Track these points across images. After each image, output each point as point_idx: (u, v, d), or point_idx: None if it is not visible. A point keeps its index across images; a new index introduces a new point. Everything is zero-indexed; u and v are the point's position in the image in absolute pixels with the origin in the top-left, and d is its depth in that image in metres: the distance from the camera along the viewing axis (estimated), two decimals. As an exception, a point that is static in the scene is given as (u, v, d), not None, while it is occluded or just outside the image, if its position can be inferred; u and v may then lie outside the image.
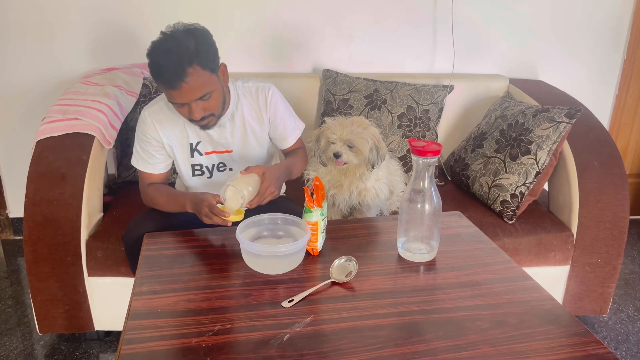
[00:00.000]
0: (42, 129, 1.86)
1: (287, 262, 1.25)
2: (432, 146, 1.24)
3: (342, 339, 1.02)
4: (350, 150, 1.71)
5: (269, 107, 1.67)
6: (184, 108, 1.49)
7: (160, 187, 1.67)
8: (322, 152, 1.77)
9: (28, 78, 2.45)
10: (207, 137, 1.65)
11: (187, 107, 1.48)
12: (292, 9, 2.45)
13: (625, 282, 2.48)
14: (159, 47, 1.42)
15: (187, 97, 1.44)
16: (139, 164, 1.67)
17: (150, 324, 1.05)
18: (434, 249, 1.32)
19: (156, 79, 1.44)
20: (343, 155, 1.70)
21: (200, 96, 1.45)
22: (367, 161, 1.73)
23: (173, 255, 1.33)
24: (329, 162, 1.78)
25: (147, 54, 1.44)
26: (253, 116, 1.68)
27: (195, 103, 1.46)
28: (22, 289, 2.32)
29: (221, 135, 1.65)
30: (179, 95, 1.43)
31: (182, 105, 1.47)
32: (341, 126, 1.71)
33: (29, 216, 1.74)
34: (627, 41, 2.73)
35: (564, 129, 1.96)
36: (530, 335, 1.04)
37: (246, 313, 1.09)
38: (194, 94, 1.44)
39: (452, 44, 2.55)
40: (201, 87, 1.44)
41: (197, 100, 1.46)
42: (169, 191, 1.65)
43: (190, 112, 1.48)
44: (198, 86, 1.43)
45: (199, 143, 1.65)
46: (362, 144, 1.70)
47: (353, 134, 1.70)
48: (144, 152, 1.65)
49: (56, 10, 2.36)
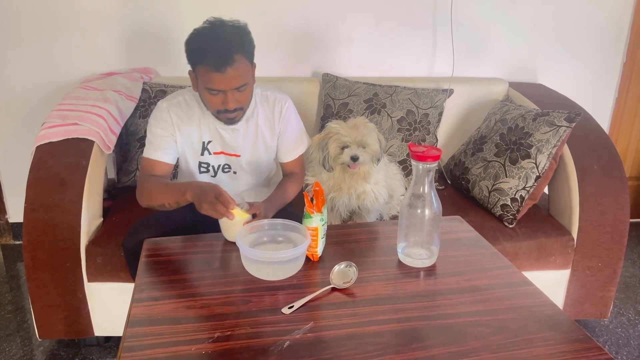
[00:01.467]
0: (41, 134, 1.86)
1: (287, 268, 1.25)
2: (431, 151, 1.24)
3: (342, 345, 1.01)
4: (364, 151, 1.72)
5: (282, 119, 1.71)
6: (219, 96, 1.51)
7: (160, 179, 1.64)
8: (332, 158, 1.74)
9: (28, 83, 2.45)
10: (219, 137, 1.67)
11: (223, 96, 1.51)
12: (291, 13, 2.46)
13: (625, 285, 2.47)
14: (208, 34, 1.48)
15: (228, 84, 1.48)
16: (148, 151, 1.64)
17: (150, 331, 1.05)
18: (434, 254, 1.32)
19: (202, 62, 1.46)
20: (360, 157, 1.71)
21: (239, 85, 1.50)
22: (377, 157, 1.75)
23: (173, 261, 1.33)
24: (338, 167, 1.77)
25: (191, 39, 1.50)
26: (266, 125, 1.71)
27: (231, 92, 1.50)
28: (22, 294, 2.32)
29: (233, 137, 1.67)
30: (222, 80, 1.46)
31: (219, 92, 1.50)
32: (351, 129, 1.72)
33: (29, 221, 1.74)
34: (626, 45, 2.73)
35: (564, 132, 1.96)
36: (531, 342, 1.04)
37: (246, 320, 1.09)
38: (235, 81, 1.48)
39: (452, 47, 2.55)
40: (242, 77, 1.49)
41: (234, 90, 1.50)
42: (168, 182, 1.65)
43: (225, 102, 1.52)
44: (240, 74, 1.48)
45: (210, 142, 1.67)
46: (374, 142, 1.72)
47: (364, 134, 1.71)
48: (155, 137, 1.64)
49: (56, 16, 2.36)
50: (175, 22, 2.43)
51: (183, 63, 1.53)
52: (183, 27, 2.42)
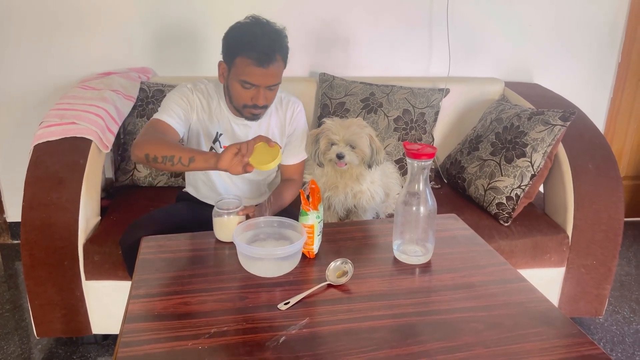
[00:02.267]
0: (39, 134, 1.86)
1: (284, 265, 1.26)
2: (426, 149, 1.25)
3: (337, 341, 1.02)
4: (352, 151, 1.73)
5: (293, 121, 1.75)
6: (251, 91, 1.54)
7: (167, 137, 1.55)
8: (321, 153, 1.78)
9: (26, 83, 2.46)
10: (230, 131, 1.69)
11: (255, 91, 1.54)
12: (288, 13, 2.47)
13: (620, 283, 2.49)
14: (254, 29, 1.51)
15: (265, 81, 1.52)
16: (161, 114, 1.58)
17: (147, 327, 1.06)
18: (430, 251, 1.33)
19: (246, 54, 1.49)
20: (346, 156, 1.72)
21: (273, 84, 1.55)
22: (367, 160, 1.75)
23: (170, 258, 1.34)
24: (328, 164, 1.79)
25: (234, 31, 1.53)
26: (277, 125, 1.74)
27: (264, 89, 1.54)
28: (20, 293, 2.32)
29: (244, 133, 1.69)
30: (261, 74, 1.50)
31: (252, 87, 1.53)
32: (342, 127, 1.73)
33: (27, 220, 1.75)
34: (621, 44, 2.75)
35: (559, 131, 1.97)
36: (525, 337, 1.05)
37: (242, 316, 1.10)
38: (272, 79, 1.54)
39: (448, 47, 2.56)
40: (277, 76, 1.55)
41: (267, 88, 1.54)
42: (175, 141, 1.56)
43: (256, 97, 1.55)
44: (277, 74, 1.54)
45: (221, 135, 1.70)
46: (364, 144, 1.72)
47: (355, 135, 1.72)
48: (173, 103, 1.60)
49: (53, 16, 2.37)
50: (173, 22, 2.44)
51: (181, 63, 1.53)
52: (180, 26, 2.45)
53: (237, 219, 1.39)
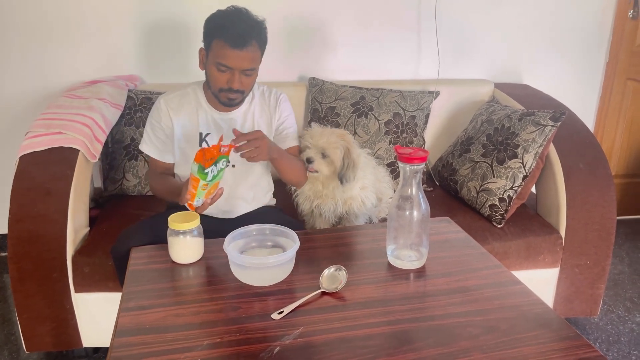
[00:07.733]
0: (25, 144, 1.83)
1: (276, 273, 1.24)
2: (418, 153, 1.24)
3: (332, 350, 1.01)
4: (323, 160, 1.71)
5: (278, 106, 1.78)
6: (226, 74, 1.57)
7: (167, 179, 1.74)
8: None
9: (10, 92, 2.42)
10: (217, 130, 1.70)
11: (230, 75, 1.57)
12: (276, 18, 2.45)
13: (614, 282, 2.49)
14: (232, 15, 1.57)
15: (239, 64, 1.55)
16: (151, 150, 1.74)
17: (138, 340, 1.03)
18: (424, 256, 1.32)
19: (221, 37, 1.53)
20: (315, 162, 1.71)
21: (248, 68, 1.58)
22: (338, 173, 1.72)
23: (161, 269, 1.32)
24: None
25: (214, 16, 1.59)
26: (263, 117, 1.76)
27: (239, 73, 1.57)
28: (8, 306, 2.28)
29: (230, 127, 1.68)
30: (235, 57, 1.54)
31: (227, 70, 1.56)
32: (320, 134, 1.73)
33: (13, 233, 1.71)
34: (609, 44, 2.77)
35: (550, 132, 1.97)
36: (522, 341, 1.04)
37: (235, 326, 1.08)
38: (246, 63, 1.56)
39: (437, 49, 2.56)
40: (252, 61, 1.58)
41: (242, 72, 1.57)
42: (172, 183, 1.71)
43: (231, 80, 1.58)
44: (252, 58, 1.57)
45: (207, 134, 1.71)
46: (335, 155, 1.70)
47: (328, 144, 1.70)
48: (157, 139, 1.73)
49: (40, 24, 2.33)
50: (160, 29, 2.42)
51: (168, 69, 1.53)
52: (168, 33, 2.43)
53: (193, 240, 1.32)
